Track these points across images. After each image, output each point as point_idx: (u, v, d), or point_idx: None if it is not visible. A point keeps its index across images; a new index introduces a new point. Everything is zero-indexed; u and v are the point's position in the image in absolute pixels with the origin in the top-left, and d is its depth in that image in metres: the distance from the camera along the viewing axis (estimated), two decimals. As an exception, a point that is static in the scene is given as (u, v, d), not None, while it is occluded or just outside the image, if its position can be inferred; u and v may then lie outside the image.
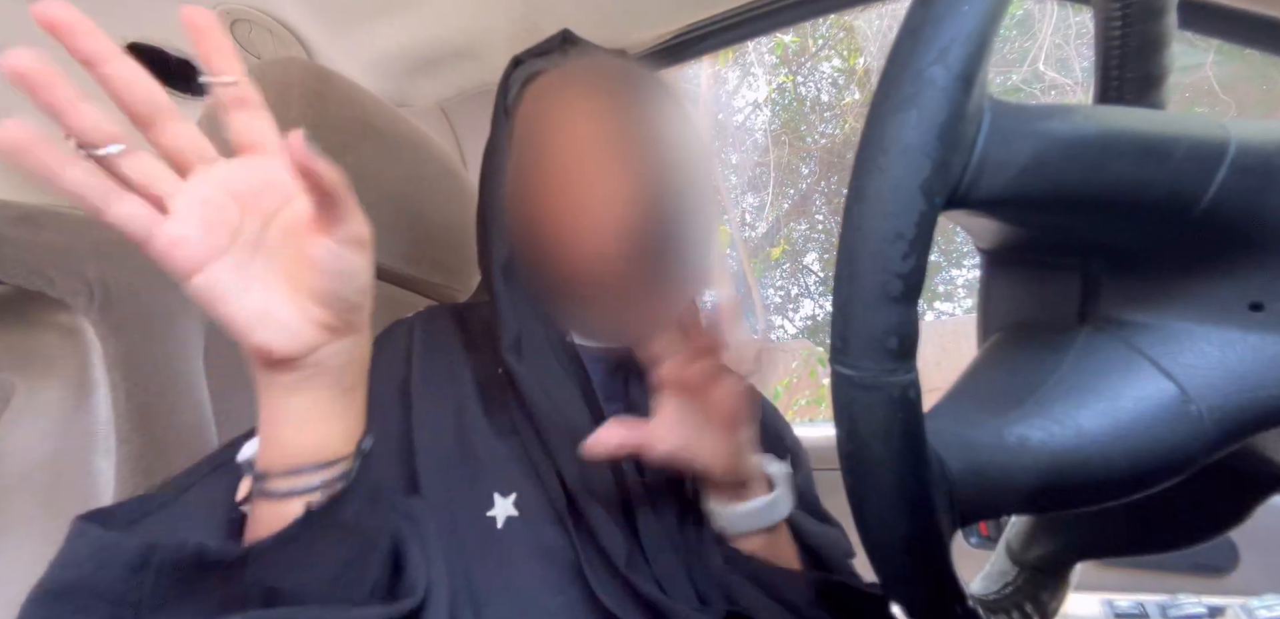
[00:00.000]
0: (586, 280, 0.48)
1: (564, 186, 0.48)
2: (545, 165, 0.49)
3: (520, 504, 0.42)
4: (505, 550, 0.40)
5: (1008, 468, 0.24)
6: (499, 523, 0.41)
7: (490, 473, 0.43)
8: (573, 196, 0.48)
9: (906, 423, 0.22)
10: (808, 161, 5.34)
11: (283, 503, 0.31)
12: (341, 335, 0.32)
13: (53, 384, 0.39)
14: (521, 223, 0.51)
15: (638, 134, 0.50)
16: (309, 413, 0.32)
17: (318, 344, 0.31)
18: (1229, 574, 0.75)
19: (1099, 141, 0.22)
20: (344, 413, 0.34)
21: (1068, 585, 0.40)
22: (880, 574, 0.25)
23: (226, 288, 0.29)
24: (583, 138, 0.49)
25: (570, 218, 0.48)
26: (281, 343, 0.30)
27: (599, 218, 0.47)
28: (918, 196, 0.20)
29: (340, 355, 0.33)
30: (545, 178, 0.49)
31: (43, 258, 0.39)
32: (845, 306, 0.22)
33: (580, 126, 0.49)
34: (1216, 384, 0.23)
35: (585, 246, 0.47)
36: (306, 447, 0.32)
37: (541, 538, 0.41)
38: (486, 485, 0.42)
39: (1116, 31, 0.31)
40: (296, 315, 0.30)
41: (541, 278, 0.50)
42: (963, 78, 0.20)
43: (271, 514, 0.32)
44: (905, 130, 0.20)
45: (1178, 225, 0.23)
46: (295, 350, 0.30)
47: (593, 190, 0.48)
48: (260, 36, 0.78)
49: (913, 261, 0.20)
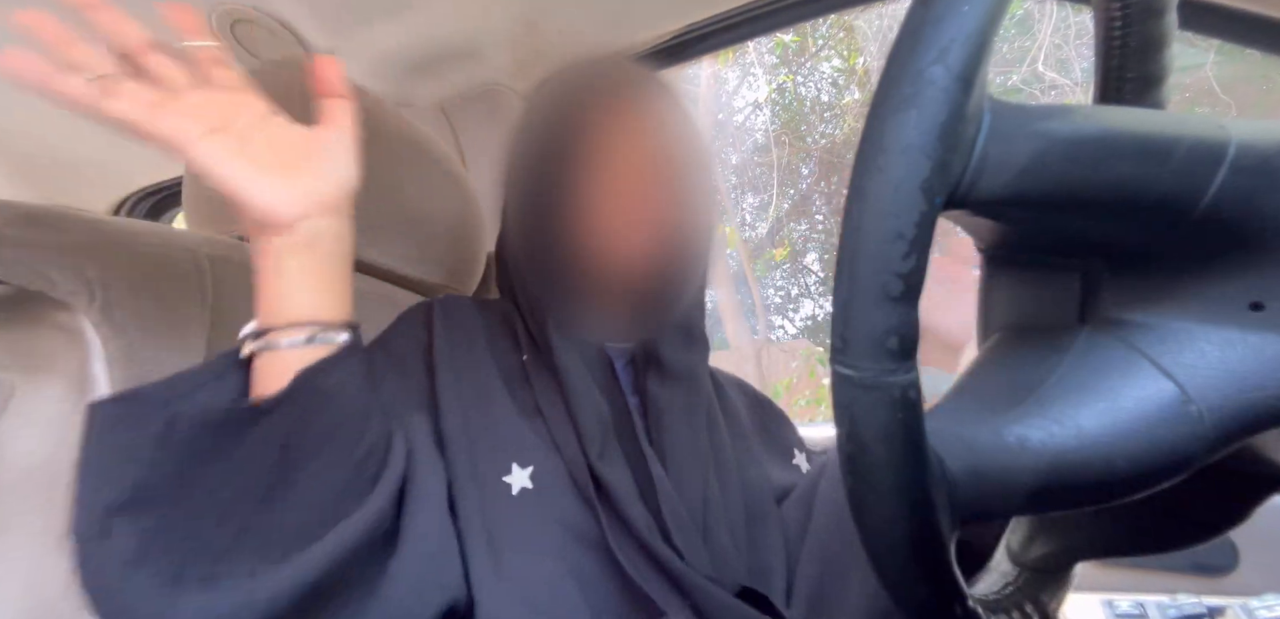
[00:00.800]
0: (614, 284, 0.50)
1: (603, 199, 0.50)
2: (584, 177, 0.50)
3: (536, 478, 0.45)
4: (521, 514, 0.43)
5: (1008, 468, 0.24)
6: (514, 490, 0.44)
7: (510, 444, 0.46)
8: (612, 208, 0.50)
9: (907, 423, 0.22)
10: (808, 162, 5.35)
11: (282, 356, 0.36)
12: (329, 214, 0.38)
13: (53, 384, 0.39)
14: (562, 232, 0.52)
15: (655, 135, 0.52)
16: (303, 276, 0.37)
17: (308, 212, 0.37)
18: (1229, 574, 0.75)
19: (1099, 142, 0.22)
20: (333, 285, 0.39)
21: (1068, 586, 0.40)
22: (880, 574, 0.25)
23: (225, 156, 0.35)
24: (621, 151, 0.50)
25: (608, 228, 0.50)
26: (275, 202, 0.35)
27: (633, 227, 0.49)
28: (918, 196, 0.20)
29: (329, 231, 0.38)
30: (584, 190, 0.50)
31: (43, 258, 0.39)
32: (845, 306, 0.22)
33: (617, 139, 0.51)
34: (1216, 384, 0.23)
35: (618, 254, 0.49)
36: (303, 306, 0.37)
37: (561, 510, 0.44)
38: (505, 455, 0.45)
39: (1117, 32, 0.31)
40: (287, 186, 0.36)
41: (569, 281, 0.52)
42: (963, 78, 0.20)
43: (272, 369, 0.36)
44: (905, 130, 0.20)
45: (1178, 225, 0.23)
46: (288, 211, 0.36)
47: (630, 201, 0.50)
48: (260, 36, 0.78)
49: (913, 261, 0.20)
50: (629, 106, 0.51)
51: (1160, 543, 0.35)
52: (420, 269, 0.68)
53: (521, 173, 0.53)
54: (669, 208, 0.50)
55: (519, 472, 0.44)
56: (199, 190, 0.57)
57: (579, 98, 0.52)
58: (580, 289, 0.51)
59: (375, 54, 0.81)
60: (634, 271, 0.49)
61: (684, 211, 0.51)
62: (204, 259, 0.48)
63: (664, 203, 0.50)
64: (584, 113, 0.51)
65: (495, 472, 0.44)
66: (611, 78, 0.54)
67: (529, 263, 0.52)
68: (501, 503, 0.43)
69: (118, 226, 0.44)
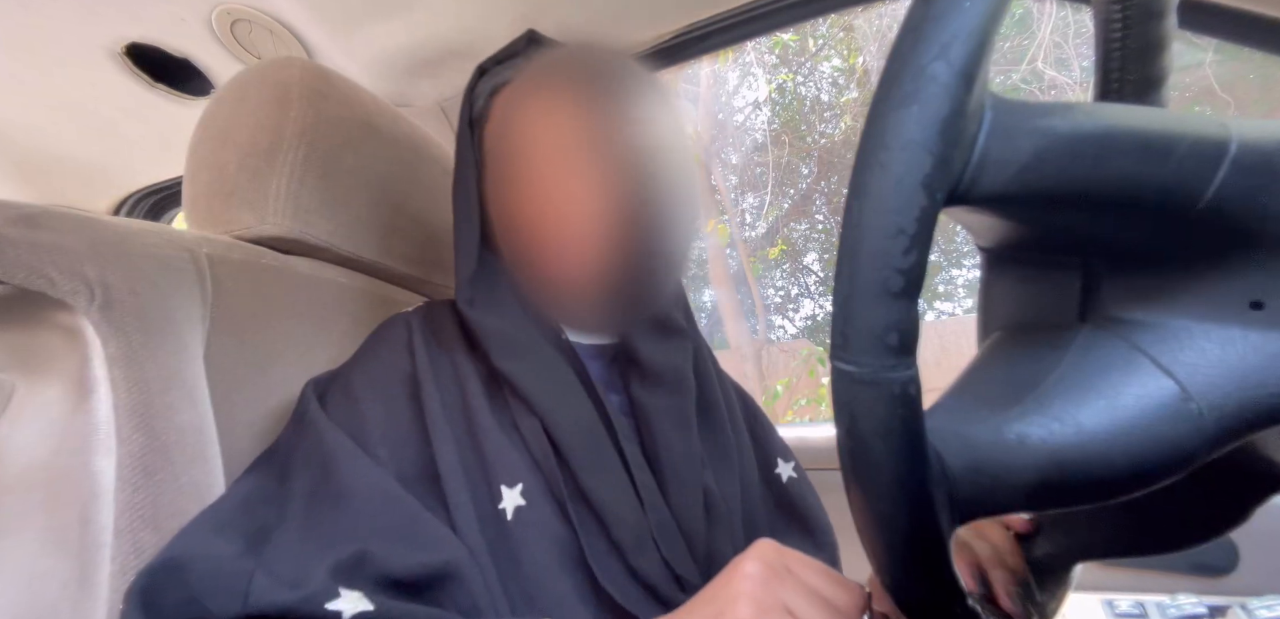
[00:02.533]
0: (571, 280, 0.49)
1: (541, 194, 0.48)
2: (520, 174, 0.50)
3: (526, 494, 0.43)
4: (516, 540, 0.42)
5: (1007, 464, 0.24)
6: (508, 514, 0.42)
7: (496, 466, 0.43)
8: (551, 203, 0.48)
9: (906, 420, 0.22)
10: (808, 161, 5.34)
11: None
12: None
13: (53, 384, 0.39)
14: (503, 230, 0.51)
15: (612, 127, 0.49)
16: None
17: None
18: (1229, 574, 0.75)
19: (1100, 139, 0.22)
20: None
21: (1068, 586, 0.40)
22: (879, 572, 0.25)
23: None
24: (556, 143, 0.49)
25: (550, 223, 0.48)
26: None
27: (579, 220, 0.48)
28: (919, 192, 0.20)
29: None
30: (521, 186, 0.49)
31: (43, 258, 0.39)
32: (846, 302, 0.22)
33: (552, 132, 0.49)
34: (1217, 382, 0.23)
35: (567, 249, 0.48)
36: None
37: (547, 528, 0.42)
38: (495, 479, 0.43)
39: (1117, 34, 0.31)
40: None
41: (526, 280, 0.51)
42: (964, 74, 0.20)
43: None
44: (906, 126, 0.20)
45: (1179, 223, 0.23)
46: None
47: (571, 194, 0.48)
48: (260, 36, 0.78)
49: (913, 257, 0.20)
50: (594, 93, 0.50)
51: (1160, 543, 0.35)
52: (420, 269, 0.68)
53: (463, 178, 0.52)
54: (641, 197, 0.49)
55: (508, 493, 0.43)
56: (199, 190, 0.57)
57: (541, 86, 0.51)
58: (547, 281, 0.50)
59: (375, 54, 0.81)
60: (602, 262, 0.48)
61: (658, 200, 0.50)
62: (204, 259, 0.48)
63: (636, 192, 0.49)
64: (547, 102, 0.50)
65: (489, 498, 0.43)
66: (578, 65, 0.52)
67: (469, 276, 0.50)
68: (498, 532, 0.42)
69: (118, 226, 0.44)
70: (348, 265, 0.63)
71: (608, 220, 0.48)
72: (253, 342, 0.50)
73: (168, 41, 0.78)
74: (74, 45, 0.77)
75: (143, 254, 0.43)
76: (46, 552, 0.37)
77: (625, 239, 0.48)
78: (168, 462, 0.40)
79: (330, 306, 0.59)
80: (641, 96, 0.52)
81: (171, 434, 0.40)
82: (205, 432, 0.43)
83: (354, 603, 0.34)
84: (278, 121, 0.54)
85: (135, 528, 0.37)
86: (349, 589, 0.34)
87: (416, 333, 0.49)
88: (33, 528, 0.37)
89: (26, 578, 0.36)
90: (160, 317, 0.42)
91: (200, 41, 0.78)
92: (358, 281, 0.63)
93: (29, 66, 0.80)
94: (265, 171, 0.54)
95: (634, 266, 0.49)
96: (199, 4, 0.73)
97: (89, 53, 0.78)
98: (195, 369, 0.44)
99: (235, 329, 0.49)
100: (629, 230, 0.49)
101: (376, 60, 0.82)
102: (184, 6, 0.73)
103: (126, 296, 0.41)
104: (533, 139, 0.49)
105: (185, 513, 0.39)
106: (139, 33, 0.76)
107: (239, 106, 0.56)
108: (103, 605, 0.36)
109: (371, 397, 0.45)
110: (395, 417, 0.45)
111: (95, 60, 0.79)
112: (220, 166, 0.55)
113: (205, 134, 0.57)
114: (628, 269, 0.49)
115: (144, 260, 0.43)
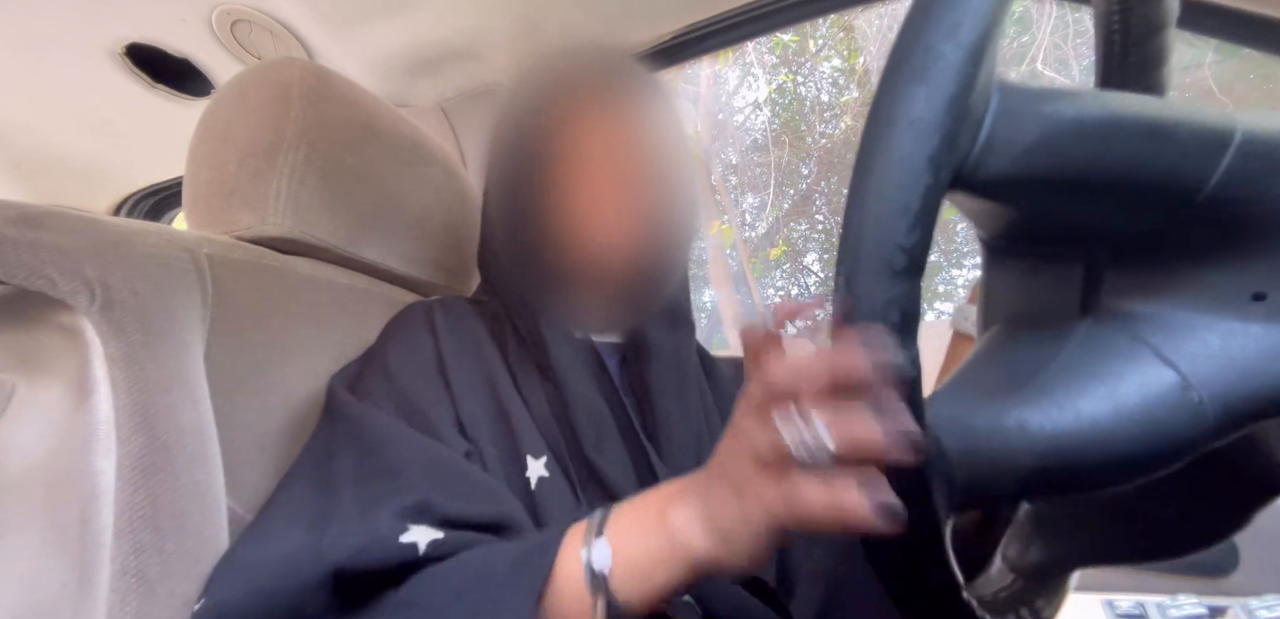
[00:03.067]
0: (599, 279, 0.51)
1: (586, 190, 0.50)
2: (567, 168, 0.51)
3: (549, 466, 0.45)
4: (541, 509, 0.44)
5: (1006, 451, 0.24)
6: (532, 483, 0.44)
7: (524, 438, 0.46)
8: (596, 199, 0.50)
9: (905, 397, 0.22)
10: (807, 162, 5.34)
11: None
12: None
13: (53, 384, 0.39)
14: (546, 226, 0.52)
15: (648, 138, 0.52)
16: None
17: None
18: (1229, 574, 0.75)
19: (1105, 124, 0.22)
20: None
21: (1066, 589, 0.40)
22: (875, 561, 0.25)
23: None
24: (605, 146, 0.51)
25: (592, 219, 0.50)
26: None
27: (618, 222, 0.50)
28: (925, 169, 0.20)
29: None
30: (567, 181, 0.51)
31: (43, 258, 0.38)
32: (848, 278, 0.22)
33: (600, 135, 0.51)
34: (1218, 373, 0.23)
35: (603, 249, 0.50)
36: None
37: (565, 500, 0.45)
38: (522, 449, 0.45)
39: (1116, 13, 0.31)
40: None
41: (553, 277, 0.52)
42: (972, 54, 0.20)
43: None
44: (914, 104, 0.20)
45: (1181, 212, 0.23)
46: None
47: (614, 197, 0.50)
48: (260, 36, 0.78)
49: (917, 236, 0.20)
50: (610, 96, 0.51)
51: (1160, 549, 0.35)
52: (420, 269, 0.68)
53: (505, 165, 0.53)
54: (652, 197, 0.50)
55: (533, 464, 0.45)
56: (199, 190, 0.57)
57: (561, 88, 0.52)
58: (566, 282, 0.51)
59: (375, 54, 0.81)
60: (619, 262, 0.50)
61: (667, 200, 0.51)
62: (204, 259, 0.48)
63: (647, 192, 0.50)
64: (566, 103, 0.51)
65: (518, 468, 0.45)
66: (592, 68, 0.54)
67: (514, 257, 0.52)
68: (525, 499, 0.44)
69: (118, 226, 0.44)
70: (348, 265, 0.62)
71: (644, 221, 0.50)
72: (253, 342, 0.50)
73: (168, 42, 0.78)
74: (74, 45, 0.77)
75: (143, 254, 0.43)
76: (46, 552, 0.37)
77: (644, 232, 0.50)
78: (168, 462, 0.39)
79: (330, 307, 0.59)
80: (651, 97, 0.53)
81: (171, 434, 0.40)
82: (205, 431, 0.43)
83: (425, 534, 0.35)
84: (278, 122, 0.54)
85: (135, 528, 0.37)
86: (417, 525, 0.35)
87: (438, 319, 0.51)
88: (33, 528, 0.37)
89: (26, 578, 0.36)
90: (160, 317, 0.42)
91: (200, 42, 0.78)
92: (358, 282, 0.63)
93: (29, 66, 0.80)
94: (265, 171, 0.54)
95: (651, 259, 0.51)
96: (199, 4, 0.73)
97: (89, 53, 0.78)
98: (195, 369, 0.44)
99: (235, 329, 0.49)
100: (657, 231, 0.51)
101: (376, 60, 0.82)
102: (184, 6, 0.73)
103: (127, 297, 0.41)
104: (585, 139, 0.51)
105: (185, 513, 0.39)
106: (139, 33, 0.76)
107: (239, 107, 0.56)
108: (102, 605, 0.36)
109: (408, 374, 0.47)
110: (433, 389, 0.47)
111: (95, 60, 0.79)
112: (220, 166, 0.55)
113: (205, 134, 0.57)
114: (645, 262, 0.51)
115: (144, 260, 0.43)
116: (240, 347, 0.49)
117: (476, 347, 0.50)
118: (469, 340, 0.51)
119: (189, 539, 0.39)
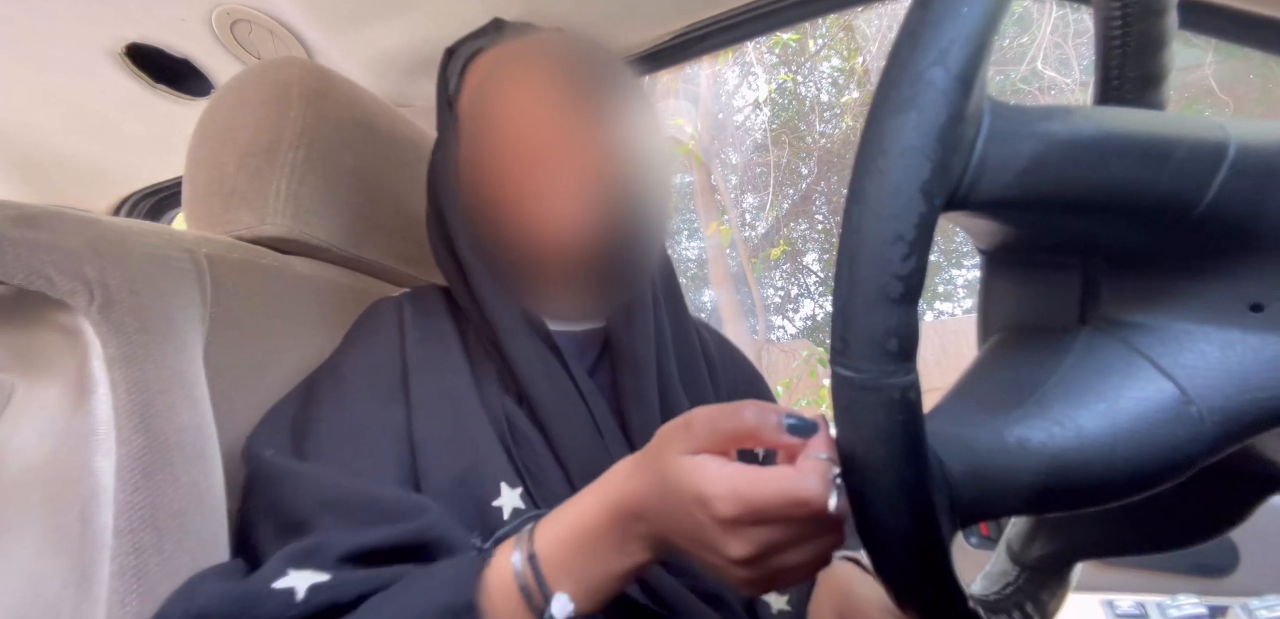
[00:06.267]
0: (548, 264, 0.49)
1: (518, 169, 0.48)
2: (496, 149, 0.49)
3: (526, 498, 0.43)
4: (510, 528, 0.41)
5: (1008, 469, 0.24)
6: (505, 512, 0.42)
7: (493, 464, 0.43)
8: (527, 179, 0.48)
9: (907, 425, 0.22)
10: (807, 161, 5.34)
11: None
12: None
13: (52, 384, 0.39)
14: (479, 211, 0.50)
15: (585, 108, 0.49)
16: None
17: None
18: (1229, 574, 0.75)
19: (1098, 143, 0.22)
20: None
21: (1068, 585, 0.40)
22: (881, 575, 0.25)
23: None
24: (529, 116, 0.48)
25: (528, 201, 0.48)
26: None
27: (556, 198, 0.47)
28: (917, 198, 0.20)
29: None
30: (498, 161, 0.49)
31: (42, 258, 0.38)
32: (845, 308, 0.22)
33: (525, 104, 0.49)
34: (1216, 385, 0.23)
35: (545, 230, 0.47)
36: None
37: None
38: (493, 476, 0.43)
39: (1117, 30, 0.31)
40: None
41: (504, 264, 0.50)
42: (962, 79, 0.20)
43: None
44: (904, 132, 0.20)
45: (1178, 226, 0.23)
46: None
47: (546, 171, 0.48)
48: (260, 36, 0.78)
49: (913, 263, 0.20)
50: (567, 78, 0.49)
51: (1160, 543, 0.35)
52: (420, 269, 0.68)
53: (444, 159, 0.52)
54: (612, 183, 0.49)
55: (509, 493, 0.42)
56: (199, 190, 0.57)
57: (515, 57, 0.51)
58: (522, 268, 0.50)
59: (375, 54, 0.81)
60: (578, 249, 0.48)
61: (629, 187, 0.50)
62: (204, 259, 0.48)
63: (606, 178, 0.48)
64: (518, 85, 0.49)
65: (485, 499, 0.42)
66: (550, 43, 0.52)
67: (470, 242, 0.50)
68: (490, 531, 0.41)
69: (118, 226, 0.44)
70: (348, 265, 0.63)
71: (588, 199, 0.48)
72: (253, 341, 0.50)
73: (168, 41, 0.78)
74: (74, 45, 0.77)
75: (142, 254, 0.43)
76: (46, 552, 0.37)
77: (605, 220, 0.48)
78: (168, 462, 0.40)
79: (330, 307, 0.59)
80: (614, 78, 0.52)
81: (171, 434, 0.40)
82: (205, 431, 0.43)
83: (305, 579, 0.34)
84: (277, 121, 0.54)
85: (135, 528, 0.37)
86: (299, 571, 0.34)
87: (407, 318, 0.50)
88: (33, 528, 0.37)
89: (26, 578, 0.36)
90: (160, 317, 0.42)
91: (200, 41, 0.78)
92: (358, 282, 0.63)
93: (29, 66, 0.80)
94: (265, 171, 0.54)
95: (614, 247, 0.49)
96: (199, 4, 0.73)
97: (89, 53, 0.78)
98: (195, 369, 0.44)
99: (235, 329, 0.49)
100: (608, 211, 0.48)
101: (376, 60, 0.82)
102: (184, 6, 0.73)
103: (126, 297, 0.41)
104: (509, 108, 0.49)
105: (185, 513, 0.39)
106: (139, 33, 0.76)
107: (239, 106, 0.56)
108: (102, 605, 0.36)
109: (360, 383, 0.45)
110: (383, 402, 0.45)
111: (95, 60, 0.79)
112: (220, 166, 0.55)
113: (205, 134, 0.57)
114: (608, 249, 0.49)
115: (144, 260, 0.43)
116: (240, 346, 0.49)
117: (445, 354, 0.48)
118: (438, 348, 0.48)
119: (189, 539, 0.39)
